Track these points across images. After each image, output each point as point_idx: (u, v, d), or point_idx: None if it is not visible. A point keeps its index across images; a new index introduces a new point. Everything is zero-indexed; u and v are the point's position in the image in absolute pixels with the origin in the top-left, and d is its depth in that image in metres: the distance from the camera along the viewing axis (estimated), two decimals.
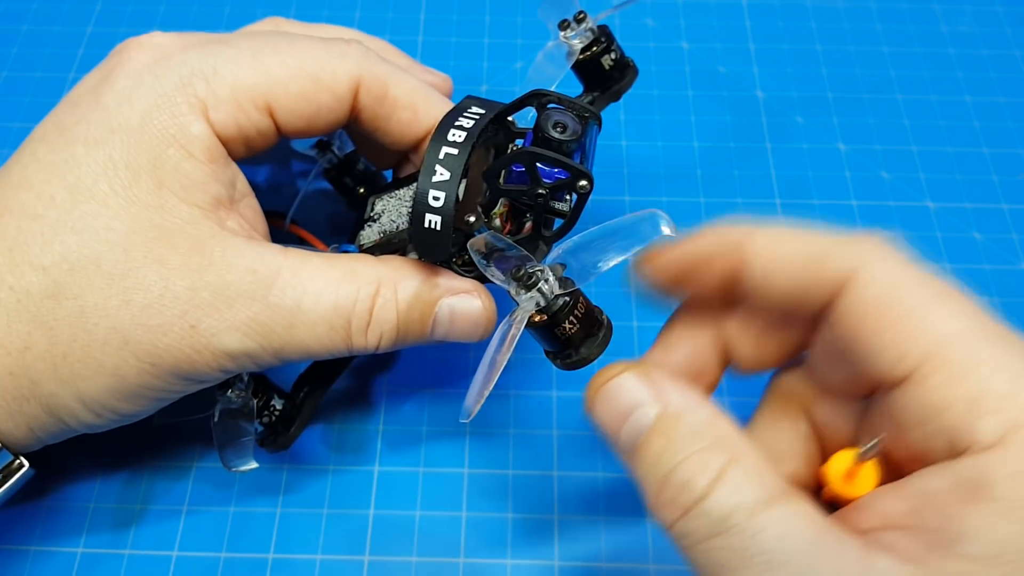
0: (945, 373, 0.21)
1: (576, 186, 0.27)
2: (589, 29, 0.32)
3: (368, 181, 0.36)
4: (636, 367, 0.24)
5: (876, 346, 0.22)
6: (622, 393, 0.23)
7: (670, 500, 0.22)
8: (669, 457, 0.22)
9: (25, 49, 0.47)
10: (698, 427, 0.22)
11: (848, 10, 0.49)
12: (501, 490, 0.34)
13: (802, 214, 0.41)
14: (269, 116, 0.28)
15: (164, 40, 0.28)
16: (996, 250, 0.40)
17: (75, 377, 0.26)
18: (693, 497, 0.21)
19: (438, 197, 0.25)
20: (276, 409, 0.31)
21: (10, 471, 0.27)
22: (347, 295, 0.27)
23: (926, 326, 0.21)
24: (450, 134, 0.26)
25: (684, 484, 0.21)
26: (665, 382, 0.23)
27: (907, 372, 0.21)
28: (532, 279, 0.24)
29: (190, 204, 0.26)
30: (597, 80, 0.34)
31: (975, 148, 0.44)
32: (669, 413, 0.23)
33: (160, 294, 0.25)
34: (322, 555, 0.32)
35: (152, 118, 0.26)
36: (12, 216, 0.26)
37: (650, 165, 0.43)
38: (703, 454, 0.21)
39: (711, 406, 0.23)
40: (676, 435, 0.22)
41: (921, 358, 0.21)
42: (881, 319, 0.22)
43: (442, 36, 0.48)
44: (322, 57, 0.29)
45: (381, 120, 0.30)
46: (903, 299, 0.22)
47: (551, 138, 0.27)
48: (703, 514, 0.21)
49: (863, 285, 0.23)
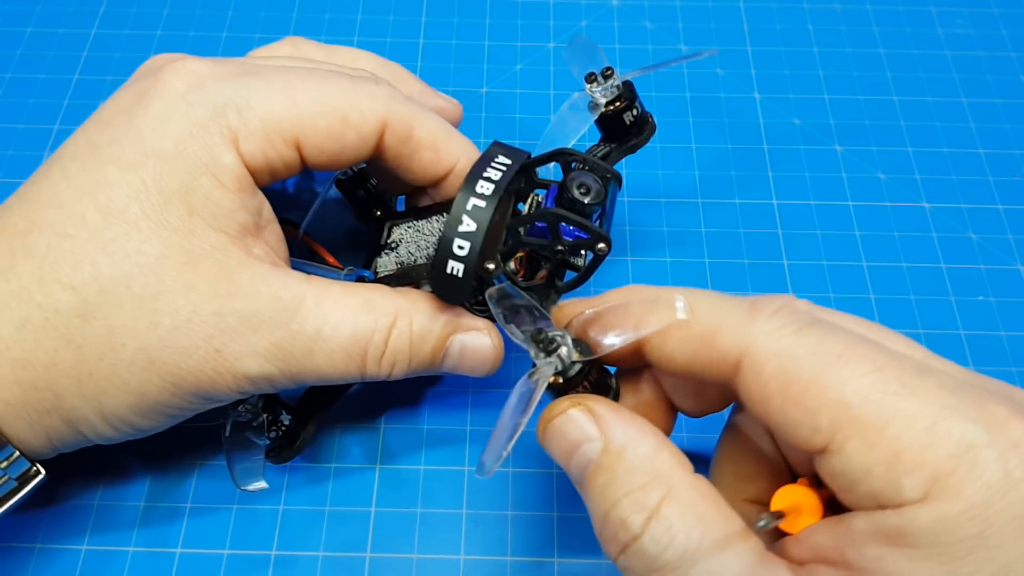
0: (858, 439, 0.21)
1: (595, 248, 0.28)
2: (615, 86, 0.33)
3: (380, 196, 0.36)
4: (581, 402, 0.24)
5: (786, 425, 0.22)
6: (569, 428, 0.24)
7: (612, 536, 0.22)
8: (611, 493, 0.23)
9: (29, 51, 0.47)
10: (638, 463, 0.23)
11: (845, 13, 0.50)
12: (501, 488, 0.34)
13: (800, 215, 0.42)
14: (296, 150, 0.29)
15: (198, 67, 0.28)
16: (992, 251, 0.41)
17: (99, 393, 0.26)
18: (629, 535, 0.22)
19: (463, 247, 0.26)
20: (284, 425, 0.32)
21: (27, 478, 0.28)
22: (365, 325, 0.28)
23: (828, 396, 0.21)
24: (479, 185, 0.27)
25: (622, 522, 0.22)
26: (609, 415, 0.24)
27: (823, 444, 0.21)
28: (553, 344, 0.24)
29: (218, 231, 0.27)
30: (616, 133, 0.35)
31: (971, 149, 0.44)
32: (611, 449, 0.23)
33: (188, 318, 0.26)
34: (324, 552, 0.33)
35: (186, 146, 0.27)
36: (42, 234, 0.26)
37: (648, 167, 0.43)
38: (639, 493, 0.22)
39: (653, 438, 0.23)
40: (618, 471, 0.23)
41: (832, 429, 0.21)
42: (782, 398, 0.22)
43: (442, 39, 0.48)
44: (351, 97, 0.29)
45: (404, 159, 0.31)
46: (799, 373, 0.22)
47: (575, 199, 0.28)
48: (638, 553, 0.22)
49: (757, 364, 0.23)
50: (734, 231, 0.41)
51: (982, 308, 0.39)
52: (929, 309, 0.39)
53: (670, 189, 0.43)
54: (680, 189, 0.43)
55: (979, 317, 0.39)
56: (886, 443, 0.20)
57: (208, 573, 0.32)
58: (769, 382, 0.22)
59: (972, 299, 0.39)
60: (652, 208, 0.42)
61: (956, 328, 0.38)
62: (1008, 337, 0.38)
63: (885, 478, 0.20)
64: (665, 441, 0.24)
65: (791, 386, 0.22)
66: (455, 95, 0.46)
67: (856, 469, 0.21)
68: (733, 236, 0.41)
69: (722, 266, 0.40)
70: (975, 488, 0.19)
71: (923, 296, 0.39)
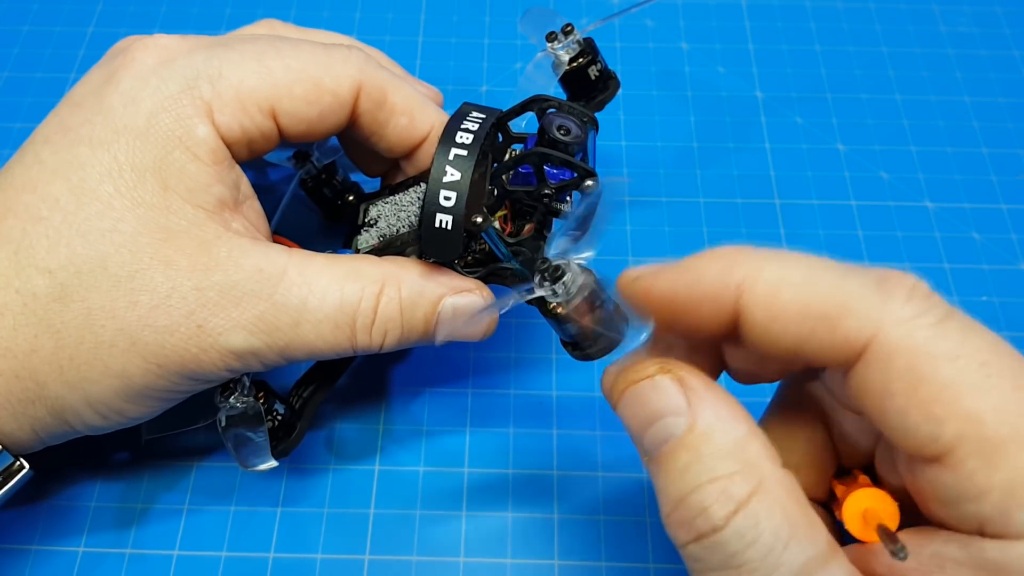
0: (982, 459, 0.19)
1: (583, 185, 0.27)
2: (576, 41, 0.33)
3: (347, 192, 0.36)
4: (672, 369, 0.22)
5: (903, 425, 0.20)
6: (654, 396, 0.22)
7: (686, 521, 0.20)
8: (692, 477, 0.20)
9: (26, 50, 0.47)
10: (728, 449, 0.20)
11: (847, 11, 0.49)
12: (501, 489, 0.34)
13: (801, 214, 0.41)
14: (272, 119, 0.28)
15: (168, 42, 0.28)
16: (995, 250, 0.40)
17: (82, 380, 0.26)
18: (710, 525, 0.20)
19: (449, 197, 0.26)
20: (279, 414, 0.31)
21: (10, 473, 0.27)
22: (352, 293, 0.27)
23: (961, 407, 0.19)
24: (457, 136, 0.27)
25: (703, 510, 0.20)
26: (701, 390, 0.21)
27: (938, 454, 0.19)
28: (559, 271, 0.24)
29: (195, 206, 0.26)
30: (582, 90, 0.35)
31: (974, 148, 0.44)
32: (699, 428, 0.21)
33: (167, 295, 0.26)
34: (323, 554, 0.32)
35: (158, 120, 0.26)
36: (17, 219, 0.26)
37: (650, 165, 0.43)
38: (727, 481, 0.20)
39: (746, 423, 0.21)
40: (703, 454, 0.20)
41: (953, 441, 0.19)
42: (906, 399, 0.20)
43: (442, 37, 0.48)
44: (325, 61, 0.29)
45: (378, 125, 0.30)
46: (934, 376, 0.19)
47: (557, 140, 0.27)
48: (717, 545, 0.20)
49: (887, 357, 0.20)
50: (737, 231, 0.41)
51: (985, 308, 0.39)
52: None
53: (672, 188, 0.42)
54: (682, 188, 0.42)
55: (982, 317, 0.37)
56: (1009, 469, 0.19)
57: (205, 575, 0.32)
58: (897, 379, 0.20)
59: (976, 299, 0.39)
60: (653, 208, 0.42)
61: None
62: (1011, 338, 0.37)
63: (999, 506, 0.19)
64: (757, 429, 0.21)
65: (921, 387, 0.19)
66: (454, 93, 0.46)
67: (970, 489, 0.19)
68: (736, 236, 0.41)
69: None
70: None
71: None
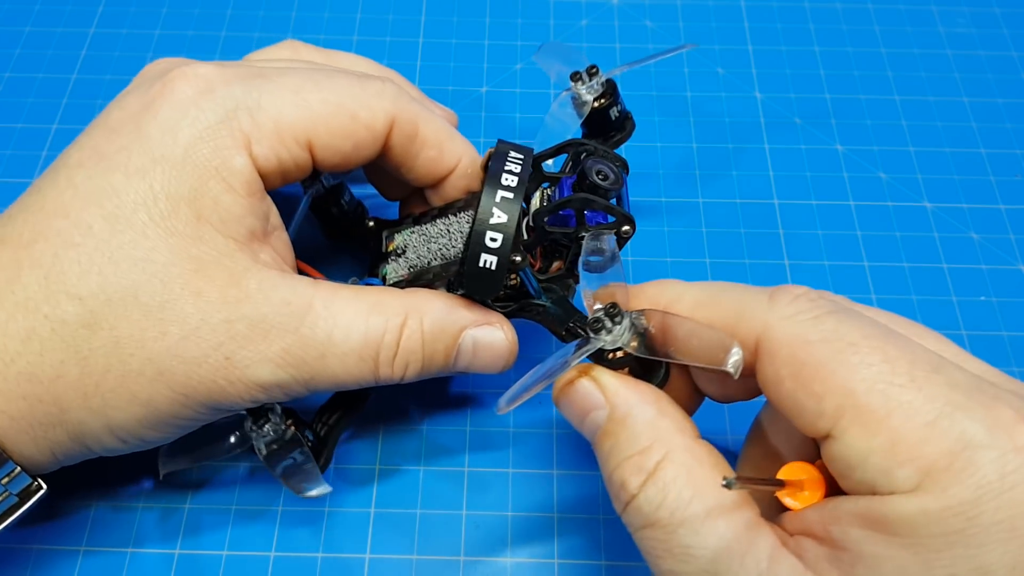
0: (859, 427, 0.21)
1: (620, 231, 0.29)
2: (600, 83, 0.34)
3: (352, 213, 0.36)
4: (589, 372, 0.26)
5: (795, 408, 0.23)
6: (578, 396, 0.26)
7: (615, 495, 0.25)
8: (615, 457, 0.25)
9: (28, 50, 0.47)
10: (640, 428, 0.25)
11: (846, 12, 0.50)
12: (502, 488, 0.34)
13: (800, 214, 0.41)
14: (308, 151, 0.29)
15: (207, 71, 0.28)
16: (993, 250, 0.41)
17: (106, 406, 0.26)
18: (628, 495, 0.24)
19: (495, 239, 0.26)
20: (309, 440, 0.31)
21: (29, 493, 0.27)
22: (376, 327, 0.28)
23: (835, 382, 0.22)
24: (503, 179, 0.27)
25: (622, 483, 0.24)
26: (615, 385, 0.26)
27: (827, 430, 0.22)
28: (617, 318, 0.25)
29: (227, 237, 0.27)
30: (601, 129, 0.36)
31: (972, 149, 0.44)
32: (616, 416, 0.25)
33: (196, 326, 0.26)
34: (323, 553, 0.32)
35: (196, 150, 0.26)
36: (48, 243, 0.26)
37: (649, 166, 0.43)
38: (639, 456, 0.24)
39: (655, 405, 0.25)
40: (620, 437, 0.25)
41: (836, 415, 0.22)
42: (793, 382, 0.23)
43: (442, 38, 0.48)
44: (360, 95, 0.29)
45: (409, 157, 0.31)
46: (810, 358, 0.22)
47: (597, 185, 0.29)
48: (635, 510, 0.24)
49: (772, 348, 0.23)
50: (735, 231, 0.41)
51: (984, 308, 0.39)
52: (931, 309, 0.39)
53: (671, 189, 0.42)
54: (681, 189, 0.42)
55: (981, 317, 0.39)
56: (886, 433, 0.21)
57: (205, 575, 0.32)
58: (782, 366, 0.23)
59: (974, 299, 0.39)
60: (653, 208, 0.42)
61: (958, 328, 0.38)
62: (1010, 337, 0.38)
63: (880, 467, 0.21)
64: (668, 407, 0.25)
65: (802, 370, 0.22)
66: (455, 94, 0.46)
67: (854, 456, 0.21)
68: (734, 236, 0.41)
69: (723, 266, 0.40)
70: (965, 486, 0.20)
71: (925, 296, 0.39)
